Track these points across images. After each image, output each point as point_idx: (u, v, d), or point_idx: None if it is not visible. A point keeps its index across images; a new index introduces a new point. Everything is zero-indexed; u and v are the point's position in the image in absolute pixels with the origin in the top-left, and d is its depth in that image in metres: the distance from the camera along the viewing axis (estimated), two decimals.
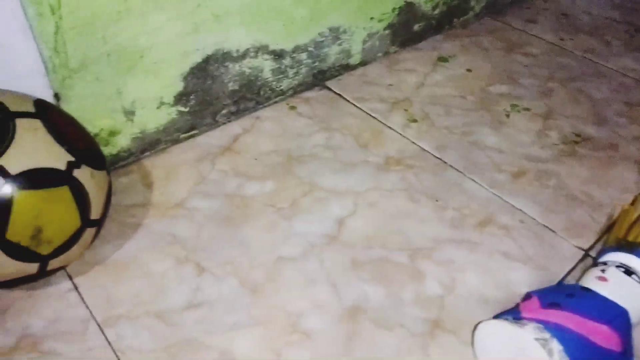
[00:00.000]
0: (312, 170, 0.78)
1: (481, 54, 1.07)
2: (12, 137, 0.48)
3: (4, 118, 0.49)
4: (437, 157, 0.81)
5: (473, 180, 0.77)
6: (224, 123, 0.86)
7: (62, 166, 0.50)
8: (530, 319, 0.48)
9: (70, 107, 0.65)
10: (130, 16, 0.64)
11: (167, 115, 0.77)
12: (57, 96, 0.64)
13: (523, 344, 0.47)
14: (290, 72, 0.90)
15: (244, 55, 0.81)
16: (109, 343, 0.55)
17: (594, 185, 0.78)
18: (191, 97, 0.79)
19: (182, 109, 0.79)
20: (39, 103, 0.54)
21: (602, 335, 0.48)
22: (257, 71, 0.85)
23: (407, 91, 0.95)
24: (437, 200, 0.73)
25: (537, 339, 0.46)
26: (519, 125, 0.89)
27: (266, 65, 0.85)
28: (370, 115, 0.89)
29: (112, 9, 0.62)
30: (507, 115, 0.91)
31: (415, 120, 0.88)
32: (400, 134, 0.85)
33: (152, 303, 0.59)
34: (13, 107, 0.50)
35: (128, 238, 0.66)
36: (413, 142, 0.84)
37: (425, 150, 0.82)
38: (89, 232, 0.55)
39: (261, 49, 0.83)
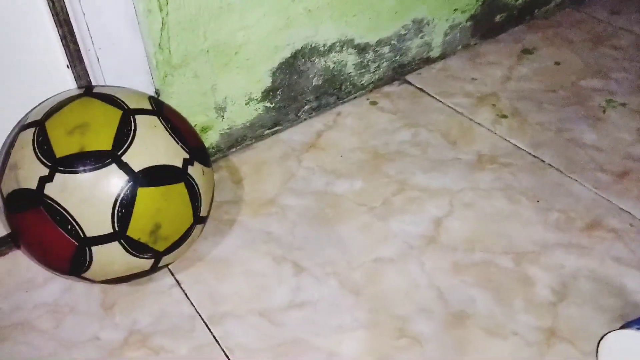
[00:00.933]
0: (401, 168, 0.76)
1: (567, 46, 1.03)
2: (134, 134, 0.48)
3: (125, 115, 0.49)
4: (534, 155, 0.78)
5: (575, 180, 0.73)
6: (306, 119, 0.85)
7: (179, 163, 0.51)
8: None
9: (171, 102, 0.66)
10: (231, 12, 0.64)
11: (254, 111, 0.77)
12: (157, 92, 0.65)
13: None
14: (372, 67, 0.88)
15: (330, 50, 0.80)
16: (217, 340, 0.55)
17: None
18: (278, 92, 0.78)
19: (268, 104, 0.78)
20: (154, 100, 0.54)
21: None
22: (340, 65, 0.83)
23: (492, 85, 0.92)
24: (538, 201, 0.70)
25: None
26: (617, 122, 0.84)
27: (350, 59, 0.84)
28: (455, 110, 0.87)
29: (214, 5, 0.62)
30: (604, 111, 0.86)
31: (505, 116, 0.85)
32: (491, 130, 0.82)
33: (255, 301, 0.59)
34: (132, 104, 0.51)
35: (224, 235, 0.66)
36: (505, 139, 0.81)
37: (519, 147, 0.79)
38: (198, 228, 0.56)
39: (347, 43, 0.81)
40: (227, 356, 0.54)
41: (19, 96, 0.57)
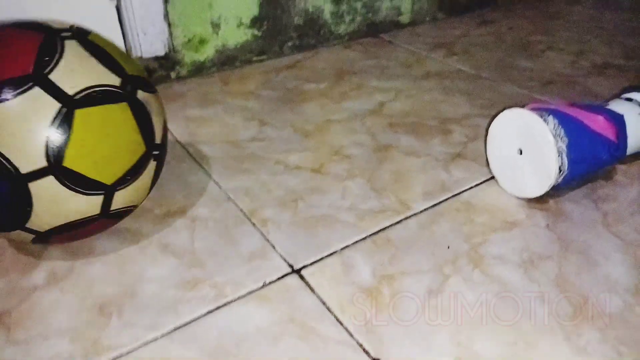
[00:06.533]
0: (361, 78, 0.96)
1: (524, 19, 1.24)
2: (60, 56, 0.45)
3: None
4: (474, 73, 0.96)
5: (505, 85, 0.91)
6: (288, 54, 1.07)
7: (117, 83, 0.47)
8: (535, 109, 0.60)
9: (175, 10, 0.90)
10: None
11: (244, 35, 1.00)
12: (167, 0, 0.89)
13: (528, 123, 0.59)
14: (347, 18, 1.11)
15: None
16: (190, 154, 0.73)
17: None
18: (264, 22, 1.01)
19: (256, 32, 1.01)
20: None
21: (597, 123, 0.59)
22: (319, 11, 1.07)
23: (450, 39, 1.13)
24: (469, 95, 0.88)
25: (538, 115, 0.58)
26: (552, 58, 1.03)
27: (327, 7, 1.07)
28: (415, 51, 1.07)
29: None
30: (543, 52, 1.05)
31: (455, 54, 1.05)
32: (441, 61, 1.02)
33: (226, 136, 0.77)
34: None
35: (208, 107, 0.86)
36: (451, 65, 1.00)
37: (462, 70, 0.98)
38: (153, 160, 0.52)
39: None
40: (198, 162, 0.72)
41: None
